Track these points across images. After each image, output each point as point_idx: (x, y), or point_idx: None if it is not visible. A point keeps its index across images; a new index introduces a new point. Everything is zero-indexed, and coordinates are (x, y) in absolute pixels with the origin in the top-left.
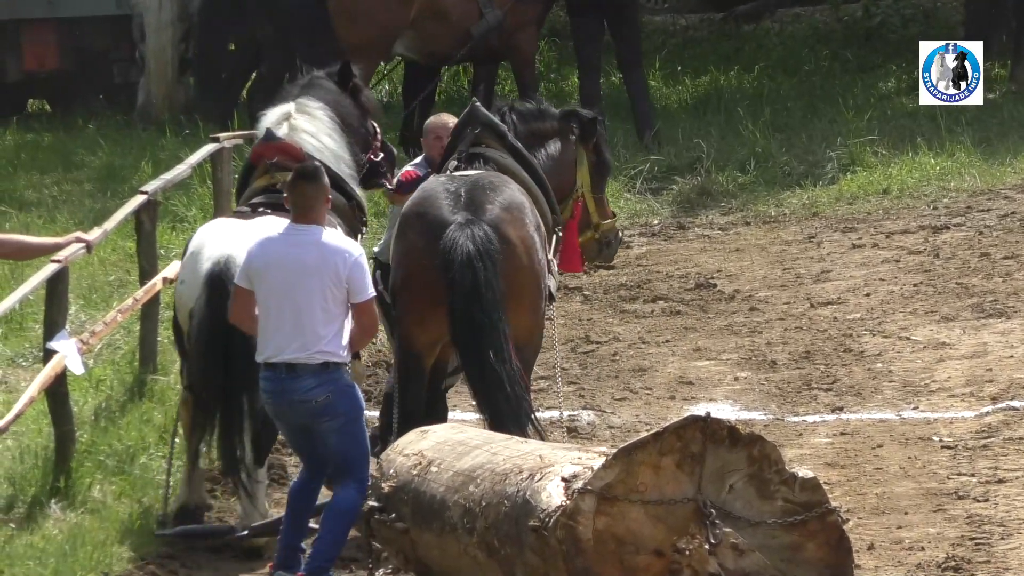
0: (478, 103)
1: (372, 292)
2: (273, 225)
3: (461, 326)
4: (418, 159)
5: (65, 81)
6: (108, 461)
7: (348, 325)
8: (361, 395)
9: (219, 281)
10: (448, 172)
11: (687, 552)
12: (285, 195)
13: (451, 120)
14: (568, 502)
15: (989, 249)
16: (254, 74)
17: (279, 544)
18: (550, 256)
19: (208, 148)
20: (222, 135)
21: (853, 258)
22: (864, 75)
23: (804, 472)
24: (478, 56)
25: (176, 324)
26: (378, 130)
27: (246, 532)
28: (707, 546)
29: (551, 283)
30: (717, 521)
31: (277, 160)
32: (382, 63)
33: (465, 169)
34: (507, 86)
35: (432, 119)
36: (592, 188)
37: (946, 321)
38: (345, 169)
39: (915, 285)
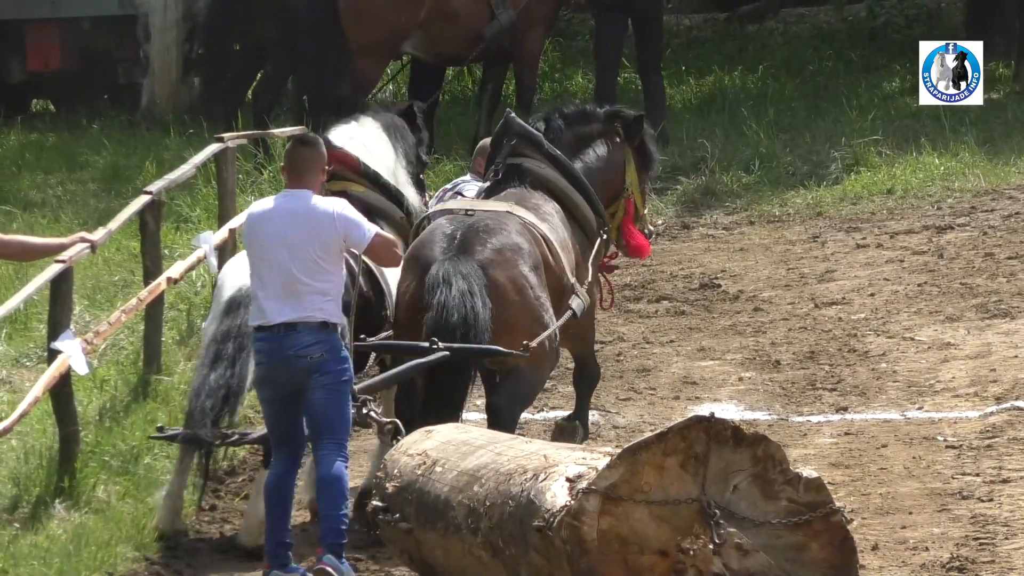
0: (512, 113)
1: (371, 231)
2: None
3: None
4: (467, 176)
5: (69, 81)
6: (112, 461)
7: (339, 289)
8: (351, 367)
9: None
10: (486, 183)
11: (691, 552)
12: (286, 165)
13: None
14: (572, 502)
15: (993, 249)
16: (259, 75)
17: (267, 544)
18: (590, 263)
19: (212, 148)
20: (226, 135)
21: (857, 258)
22: (868, 75)
23: (808, 472)
24: (488, 57)
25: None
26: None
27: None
28: (711, 546)
29: (575, 303)
30: (721, 521)
31: (333, 168)
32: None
33: (502, 182)
34: (510, 85)
35: (483, 142)
36: (640, 184)
37: (950, 321)
38: (401, 180)
39: (919, 285)
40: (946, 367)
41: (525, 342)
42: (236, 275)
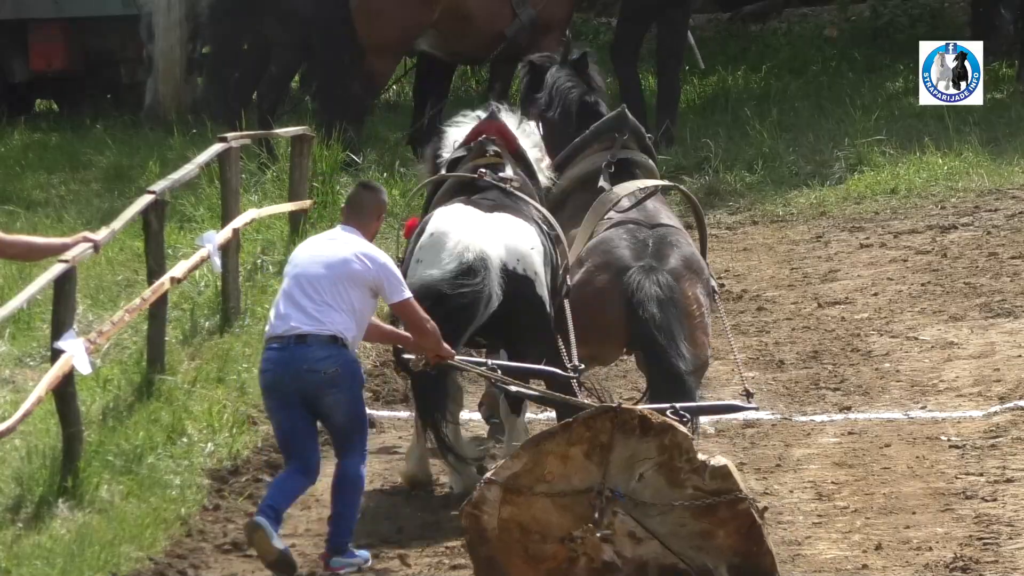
0: (626, 109)
1: (406, 294)
2: (509, 223)
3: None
4: None
5: (72, 81)
6: (116, 461)
7: (362, 326)
8: (362, 375)
9: (470, 272)
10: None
11: (580, 541)
12: (345, 205)
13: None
14: (475, 493)
15: (997, 249)
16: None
17: (261, 503)
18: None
19: (216, 148)
20: (230, 135)
21: (861, 258)
22: (871, 75)
23: (716, 460)
24: (503, 56)
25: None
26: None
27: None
28: (599, 535)
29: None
30: (617, 510)
31: (493, 138)
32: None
33: (616, 173)
34: (514, 85)
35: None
36: None
37: (954, 321)
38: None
39: (923, 285)
40: (949, 367)
41: (749, 392)
42: (464, 230)
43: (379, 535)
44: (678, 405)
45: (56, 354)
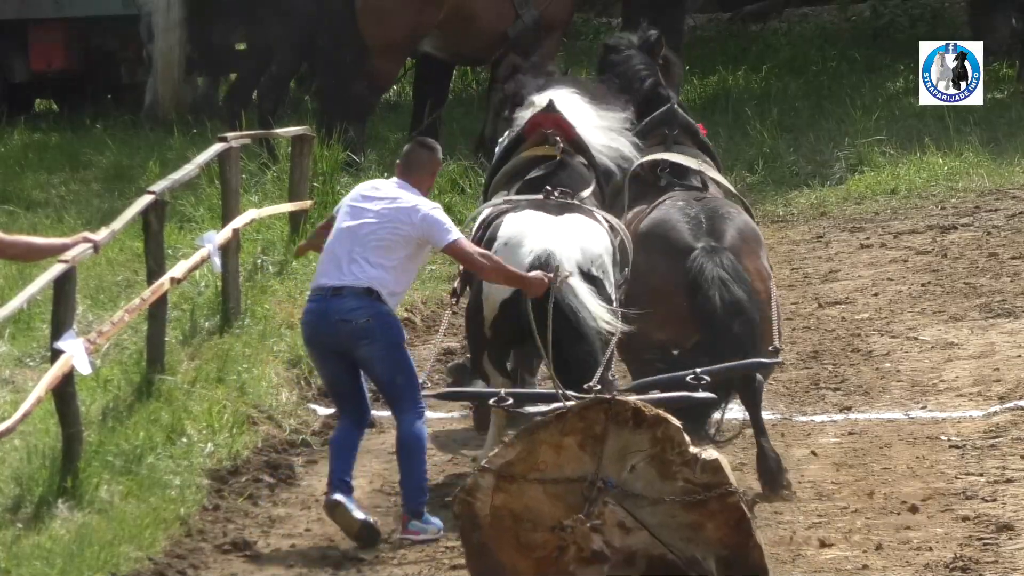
0: (676, 105)
1: (452, 236)
2: (575, 226)
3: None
4: None
5: (72, 81)
6: (115, 461)
7: (406, 279)
8: (402, 329)
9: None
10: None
11: (570, 530)
12: (400, 161)
13: None
14: (469, 480)
15: (997, 249)
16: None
17: (329, 478)
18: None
19: (216, 148)
20: (230, 135)
21: (861, 258)
22: (872, 75)
23: (707, 454)
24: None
25: (478, 312)
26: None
27: (510, 400)
28: (588, 524)
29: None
30: (608, 500)
31: (552, 132)
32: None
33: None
34: None
35: None
36: None
37: (954, 321)
38: (607, 163)
39: (923, 285)
40: (950, 367)
41: (775, 346)
42: (535, 235)
43: (379, 535)
44: (699, 370)
45: (56, 354)
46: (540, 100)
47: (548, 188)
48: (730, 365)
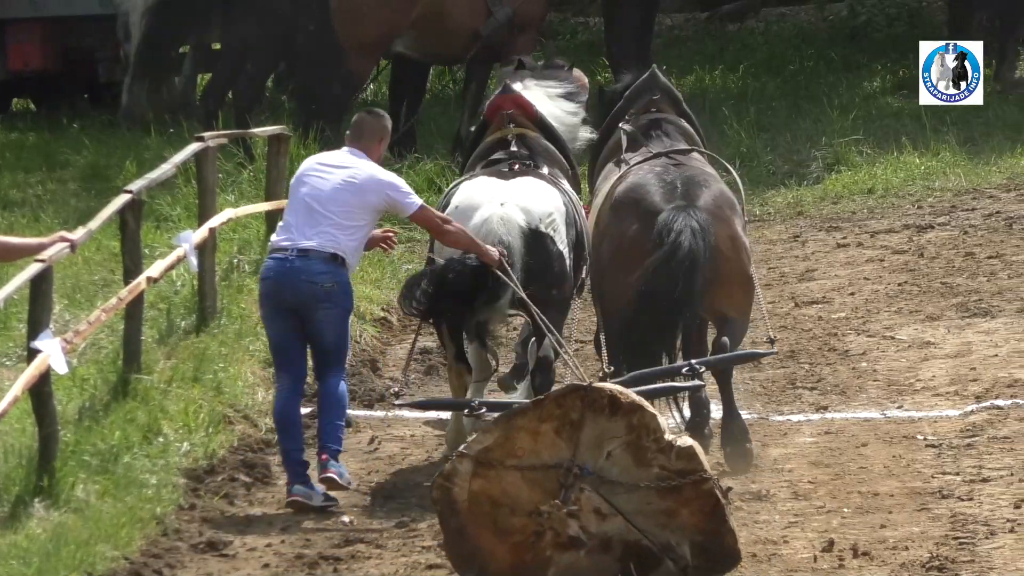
0: (656, 70)
1: (416, 203)
2: (530, 185)
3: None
4: None
5: (50, 80)
6: (92, 460)
7: (361, 247)
8: (353, 298)
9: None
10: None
11: (546, 515)
12: (350, 130)
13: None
14: (447, 465)
15: (974, 248)
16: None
17: (285, 465)
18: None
19: (192, 147)
20: (207, 134)
21: (838, 257)
22: (849, 74)
23: (682, 441)
24: (479, 56)
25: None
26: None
27: (483, 409)
28: (565, 510)
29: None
30: (584, 486)
31: (512, 112)
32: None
33: (646, 132)
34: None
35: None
36: None
37: (930, 320)
38: (570, 140)
39: (900, 284)
40: (926, 366)
41: (773, 338)
42: (488, 200)
43: (355, 534)
44: (695, 361)
45: (32, 354)
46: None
47: (509, 161)
48: (724, 356)
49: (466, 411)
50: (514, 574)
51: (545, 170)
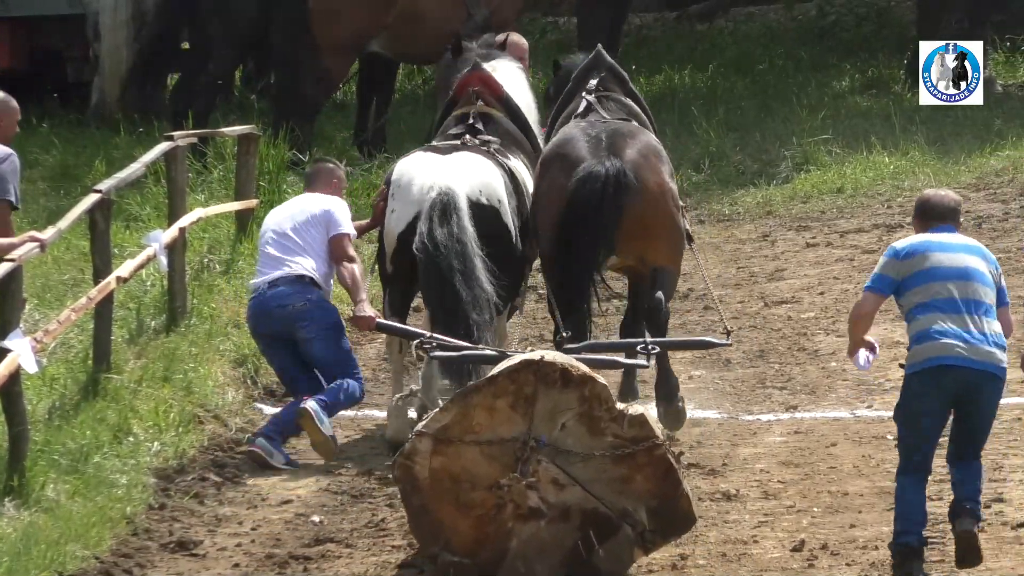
0: (602, 49)
1: (344, 229)
2: (468, 160)
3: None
4: None
5: (19, 80)
6: (62, 460)
7: (330, 269)
8: (338, 313)
9: (445, 207)
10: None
11: (506, 488)
12: (305, 179)
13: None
14: (407, 445)
15: None
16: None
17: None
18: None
19: (162, 147)
20: (176, 134)
21: (807, 257)
22: (818, 74)
23: (633, 409)
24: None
25: (381, 251)
26: None
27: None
28: (524, 482)
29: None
30: (540, 459)
31: (479, 90)
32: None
33: (592, 110)
34: None
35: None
36: None
37: (899, 320)
38: (532, 121)
39: None
40: (895, 366)
41: (728, 330)
42: (426, 173)
43: (326, 534)
44: (649, 340)
45: (2, 353)
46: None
47: (467, 136)
48: (680, 340)
49: (415, 343)
50: (477, 547)
51: (493, 147)
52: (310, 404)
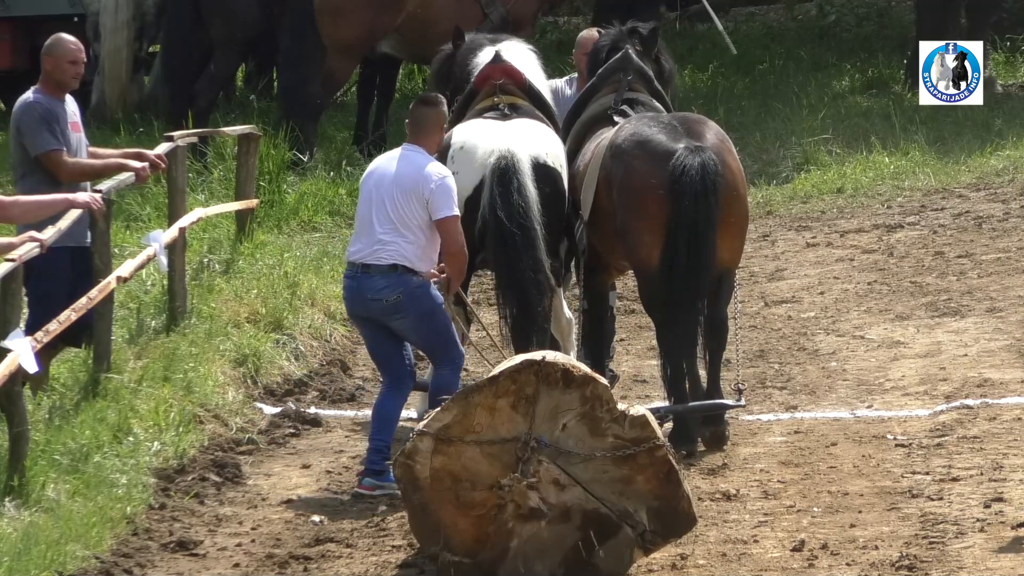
0: (631, 50)
1: (453, 212)
2: (526, 127)
3: (681, 243)
4: (567, 77)
5: (19, 80)
6: (62, 460)
7: (430, 246)
8: (435, 292)
9: (508, 171)
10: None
11: (507, 488)
12: (407, 119)
13: (595, 33)
14: (408, 444)
15: (943, 248)
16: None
17: (369, 447)
18: None
19: (162, 147)
20: (176, 133)
21: (807, 257)
22: (818, 74)
23: (635, 410)
24: None
25: None
26: None
27: None
28: (525, 482)
29: None
30: (542, 459)
31: (503, 82)
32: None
33: (623, 112)
34: None
35: (583, 32)
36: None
37: (900, 320)
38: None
39: (869, 284)
40: (896, 366)
41: (740, 388)
42: (489, 138)
43: (326, 534)
44: (663, 408)
45: (2, 353)
46: (486, 55)
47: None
48: (694, 406)
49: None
50: (478, 547)
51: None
52: (365, 485)
